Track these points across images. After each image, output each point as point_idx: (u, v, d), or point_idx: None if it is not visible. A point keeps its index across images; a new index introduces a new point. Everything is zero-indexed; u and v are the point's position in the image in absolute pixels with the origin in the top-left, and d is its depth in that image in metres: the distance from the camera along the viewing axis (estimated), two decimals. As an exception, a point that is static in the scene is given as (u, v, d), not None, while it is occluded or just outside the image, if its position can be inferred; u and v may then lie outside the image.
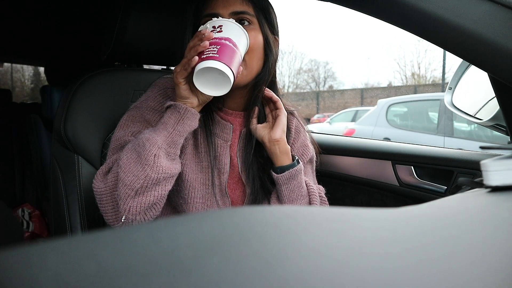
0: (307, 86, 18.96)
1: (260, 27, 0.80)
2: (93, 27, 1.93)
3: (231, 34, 0.71)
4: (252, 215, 0.27)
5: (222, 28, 0.71)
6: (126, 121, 0.81)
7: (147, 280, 0.17)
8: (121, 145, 0.78)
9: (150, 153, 0.69)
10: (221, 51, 0.68)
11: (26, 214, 2.12)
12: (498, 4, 0.58)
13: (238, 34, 0.72)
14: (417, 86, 14.74)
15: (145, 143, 0.70)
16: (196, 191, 0.83)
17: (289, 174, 0.83)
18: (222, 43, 0.69)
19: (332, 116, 9.44)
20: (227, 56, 0.68)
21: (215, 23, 0.72)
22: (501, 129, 0.94)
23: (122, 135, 0.78)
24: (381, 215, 0.31)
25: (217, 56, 0.67)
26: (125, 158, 0.71)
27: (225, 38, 0.70)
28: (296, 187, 0.84)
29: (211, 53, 0.68)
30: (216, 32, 0.70)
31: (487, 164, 0.45)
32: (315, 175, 0.99)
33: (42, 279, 0.16)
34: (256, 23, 0.79)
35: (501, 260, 0.24)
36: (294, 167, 0.83)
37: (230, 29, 0.71)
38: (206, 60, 0.67)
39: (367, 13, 0.68)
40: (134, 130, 0.79)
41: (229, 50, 0.69)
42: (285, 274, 0.19)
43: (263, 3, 0.80)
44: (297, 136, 0.94)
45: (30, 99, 10.15)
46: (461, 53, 0.64)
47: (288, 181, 0.83)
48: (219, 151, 0.86)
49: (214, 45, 0.69)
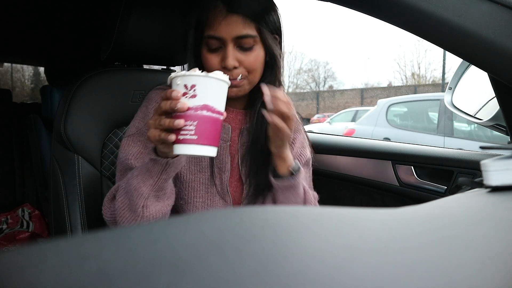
0: (307, 86, 18.96)
1: (263, 42, 0.78)
2: (93, 27, 1.93)
3: (208, 96, 0.60)
4: (252, 215, 0.27)
5: (195, 90, 0.60)
6: (127, 142, 0.83)
7: (147, 280, 0.17)
8: (125, 169, 0.80)
9: (138, 204, 0.71)
10: (200, 129, 0.60)
11: (26, 214, 2.12)
12: (498, 4, 0.58)
13: (216, 91, 0.62)
14: (417, 86, 14.74)
15: (133, 193, 0.72)
16: (196, 191, 0.83)
17: (288, 184, 0.80)
18: (199, 117, 0.60)
19: (332, 116, 9.44)
20: (208, 134, 0.60)
21: (187, 80, 0.60)
22: (501, 129, 0.94)
23: (124, 158, 0.80)
24: (381, 215, 0.31)
25: (195, 139, 0.60)
26: (119, 202, 0.75)
27: (201, 106, 0.60)
28: (292, 195, 0.82)
29: (188, 134, 0.60)
30: (189, 98, 0.60)
31: (487, 164, 0.45)
32: (311, 179, 0.98)
33: (42, 279, 0.16)
34: (258, 41, 0.78)
35: (501, 260, 0.24)
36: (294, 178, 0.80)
37: (205, 88, 0.60)
38: (183, 143, 0.60)
39: (367, 13, 0.68)
40: (135, 151, 0.81)
41: (209, 124, 0.61)
42: (285, 274, 0.19)
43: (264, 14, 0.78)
44: (297, 136, 0.94)
45: (30, 99, 10.16)
46: (461, 53, 0.64)
47: (286, 189, 0.81)
48: (219, 151, 0.86)
49: (191, 121, 0.60)
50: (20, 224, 2.04)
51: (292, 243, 0.23)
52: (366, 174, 1.27)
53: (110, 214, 0.79)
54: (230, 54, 0.75)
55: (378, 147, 1.26)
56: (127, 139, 0.84)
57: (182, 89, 0.60)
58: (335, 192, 1.36)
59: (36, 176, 2.12)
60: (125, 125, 1.04)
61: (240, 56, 0.77)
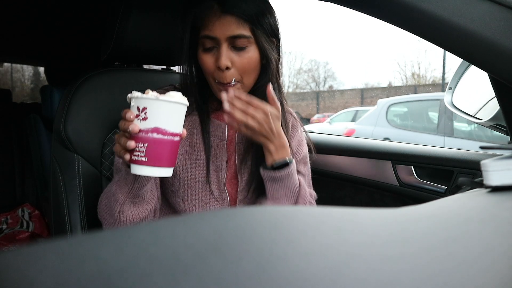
0: (307, 86, 18.95)
1: (257, 43, 0.79)
2: (93, 27, 1.93)
3: (158, 119, 0.62)
4: (252, 215, 0.27)
5: (146, 113, 0.61)
6: None
7: (147, 280, 0.17)
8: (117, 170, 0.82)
9: (115, 210, 0.74)
10: (150, 151, 0.62)
11: (26, 214, 2.12)
12: (498, 4, 0.58)
13: (169, 113, 0.63)
14: (417, 86, 14.73)
15: (111, 199, 0.75)
16: (192, 189, 0.84)
17: (274, 175, 0.81)
18: (149, 140, 0.62)
19: (332, 116, 9.43)
20: (158, 156, 0.62)
21: (139, 102, 0.62)
22: (501, 129, 0.94)
23: (116, 162, 0.82)
24: (381, 215, 0.31)
25: (145, 161, 0.62)
26: (103, 204, 0.78)
27: (152, 129, 0.62)
28: (281, 188, 0.82)
29: (139, 155, 0.62)
30: (141, 120, 0.62)
31: (487, 164, 0.45)
32: (310, 177, 0.98)
33: (42, 279, 0.16)
34: (252, 42, 0.78)
35: (501, 260, 0.24)
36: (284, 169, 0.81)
37: (156, 112, 0.62)
38: (135, 164, 0.62)
39: (367, 13, 0.68)
40: None
41: (160, 146, 0.62)
42: (285, 274, 0.19)
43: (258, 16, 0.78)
44: (294, 134, 0.94)
45: (30, 99, 10.15)
46: (461, 53, 0.64)
47: (273, 180, 0.82)
48: (216, 149, 0.86)
49: (141, 143, 0.62)
50: (20, 224, 2.04)
51: (292, 243, 0.23)
52: (366, 174, 1.27)
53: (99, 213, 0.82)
54: (223, 53, 0.76)
55: (378, 147, 1.26)
56: None
57: (135, 110, 0.62)
58: (335, 192, 1.36)
59: (36, 176, 2.12)
60: (125, 125, 1.04)
61: (233, 57, 0.77)
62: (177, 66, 1.20)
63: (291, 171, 0.82)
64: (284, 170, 0.81)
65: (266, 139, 0.78)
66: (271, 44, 0.82)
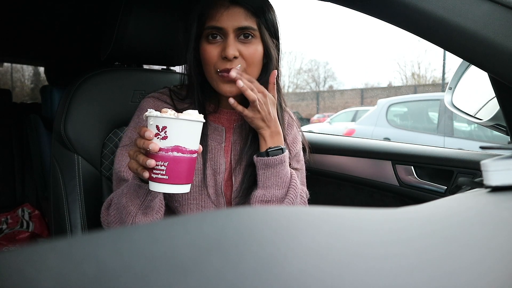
0: (307, 86, 18.93)
1: (261, 37, 0.80)
2: (93, 27, 1.93)
3: (178, 137, 0.62)
4: (251, 216, 0.27)
5: (166, 132, 0.62)
6: (120, 152, 0.86)
7: (147, 280, 0.17)
8: (119, 179, 0.84)
9: (127, 222, 0.75)
10: (171, 170, 0.62)
11: (26, 214, 2.12)
12: (498, 4, 0.58)
13: (188, 131, 0.63)
14: (417, 86, 14.72)
15: (122, 211, 0.75)
16: (189, 194, 0.85)
17: (266, 162, 0.81)
18: (170, 158, 0.62)
19: (332, 116, 9.43)
20: (179, 174, 0.63)
21: (158, 121, 0.62)
22: (501, 129, 0.93)
23: (118, 170, 0.84)
24: (381, 215, 0.31)
25: (166, 179, 0.62)
26: (112, 215, 0.78)
27: (172, 148, 0.62)
28: (273, 176, 0.82)
29: (159, 173, 0.62)
30: (161, 139, 0.62)
31: (487, 164, 0.45)
32: (304, 176, 0.98)
33: (42, 279, 0.16)
34: (257, 36, 0.80)
35: (501, 260, 0.24)
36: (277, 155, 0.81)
37: (176, 131, 0.62)
38: (156, 182, 0.63)
39: (367, 13, 0.68)
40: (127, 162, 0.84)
41: (181, 165, 0.63)
42: (285, 275, 0.19)
43: (264, 11, 0.80)
44: (289, 131, 0.95)
45: (30, 99, 10.15)
46: (461, 53, 0.64)
47: (265, 166, 0.82)
48: (213, 152, 0.86)
49: (161, 161, 0.62)
50: (20, 224, 2.04)
51: (292, 243, 0.23)
52: (366, 174, 1.26)
53: (106, 223, 0.82)
54: (231, 43, 0.77)
55: (378, 147, 1.26)
56: (120, 150, 0.86)
57: (154, 129, 0.63)
58: (335, 192, 1.36)
59: (36, 176, 2.12)
60: (125, 125, 1.04)
61: (240, 47, 0.78)
62: (177, 66, 1.20)
63: (284, 159, 0.82)
64: (278, 156, 0.81)
65: (264, 123, 0.80)
66: (273, 43, 0.83)
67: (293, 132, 0.96)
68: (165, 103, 0.87)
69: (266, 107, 0.79)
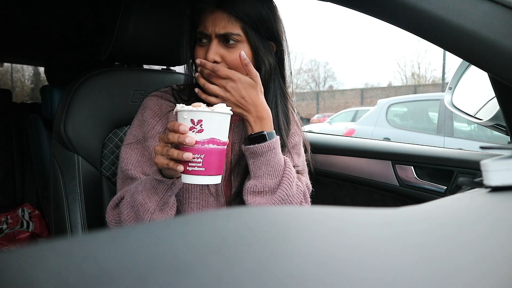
0: (307, 86, 18.93)
1: (249, 42, 0.80)
2: (93, 27, 1.93)
3: (213, 130, 0.65)
4: (252, 215, 0.27)
5: (202, 125, 0.64)
6: (126, 150, 0.86)
7: (147, 280, 0.17)
8: (126, 177, 0.84)
9: (145, 219, 0.75)
10: (207, 162, 0.64)
11: (26, 214, 2.12)
12: (498, 4, 0.58)
13: (221, 124, 0.66)
14: (417, 86, 14.72)
15: (139, 208, 0.75)
16: (190, 193, 0.85)
17: (254, 150, 0.79)
18: (206, 150, 0.64)
19: (332, 116, 9.43)
20: (214, 166, 0.65)
21: (193, 115, 0.64)
22: (501, 129, 0.94)
23: (125, 168, 0.84)
24: (381, 215, 0.31)
25: (203, 170, 0.64)
26: (125, 214, 0.79)
27: (208, 140, 0.64)
28: (264, 165, 0.79)
29: (196, 166, 0.64)
30: (196, 132, 0.64)
31: (487, 164, 0.45)
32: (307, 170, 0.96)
33: (42, 279, 0.16)
34: (243, 40, 0.79)
35: (501, 260, 0.24)
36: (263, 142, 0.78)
37: (211, 122, 0.64)
38: (192, 174, 0.65)
39: (367, 13, 0.69)
40: (133, 160, 0.85)
41: (215, 157, 0.65)
42: (285, 274, 0.19)
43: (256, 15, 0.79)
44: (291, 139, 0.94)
45: (30, 99, 10.16)
46: (461, 53, 0.64)
47: (254, 155, 0.79)
48: None
49: (198, 154, 0.64)
50: (20, 224, 2.04)
51: (292, 243, 0.23)
52: (366, 174, 1.27)
53: (114, 222, 0.82)
54: (212, 48, 0.78)
55: (378, 147, 1.26)
56: (125, 148, 0.86)
57: (188, 123, 0.64)
58: (335, 192, 1.36)
59: (36, 176, 2.13)
60: (125, 125, 1.04)
61: (223, 52, 0.79)
62: (177, 66, 1.20)
63: (272, 146, 0.79)
64: (265, 143, 0.78)
65: (242, 109, 0.78)
66: (267, 47, 0.82)
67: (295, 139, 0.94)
68: (169, 101, 0.88)
69: (237, 92, 0.77)
